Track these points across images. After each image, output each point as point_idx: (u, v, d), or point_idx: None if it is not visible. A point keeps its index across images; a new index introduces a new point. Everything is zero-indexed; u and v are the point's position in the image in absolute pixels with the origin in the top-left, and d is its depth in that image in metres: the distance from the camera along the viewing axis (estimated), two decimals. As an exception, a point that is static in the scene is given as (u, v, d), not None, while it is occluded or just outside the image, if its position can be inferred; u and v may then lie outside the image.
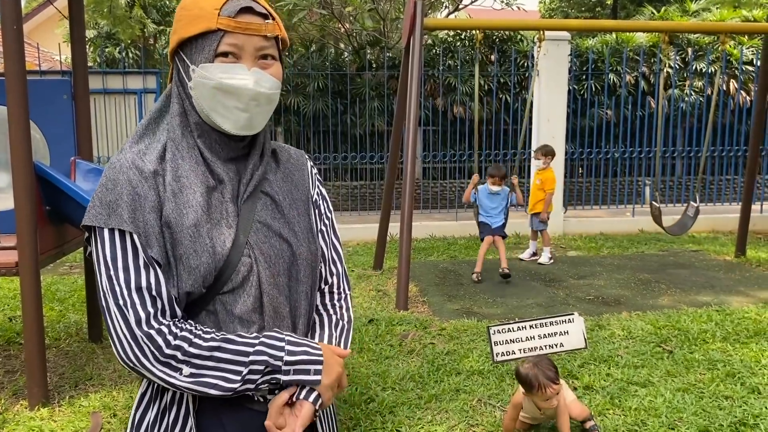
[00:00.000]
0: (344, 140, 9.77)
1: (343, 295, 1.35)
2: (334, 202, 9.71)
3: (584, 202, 9.93)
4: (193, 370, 1.09)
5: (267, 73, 1.17)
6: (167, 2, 15.05)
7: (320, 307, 1.32)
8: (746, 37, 10.38)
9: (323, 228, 1.33)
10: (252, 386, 1.12)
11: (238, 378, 1.11)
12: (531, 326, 3.30)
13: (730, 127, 9.87)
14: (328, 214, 1.36)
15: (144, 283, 1.09)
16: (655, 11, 15.17)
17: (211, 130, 1.18)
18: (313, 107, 9.70)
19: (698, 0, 15.80)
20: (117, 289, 1.08)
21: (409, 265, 5.27)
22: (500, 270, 5.97)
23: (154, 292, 1.10)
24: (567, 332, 3.19)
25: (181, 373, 1.08)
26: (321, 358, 1.15)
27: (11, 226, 3.38)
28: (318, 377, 1.15)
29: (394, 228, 6.51)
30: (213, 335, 1.11)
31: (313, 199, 1.33)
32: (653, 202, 6.31)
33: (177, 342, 1.09)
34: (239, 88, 1.13)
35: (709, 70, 10.04)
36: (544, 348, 3.24)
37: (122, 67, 9.21)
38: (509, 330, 3.32)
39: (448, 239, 8.13)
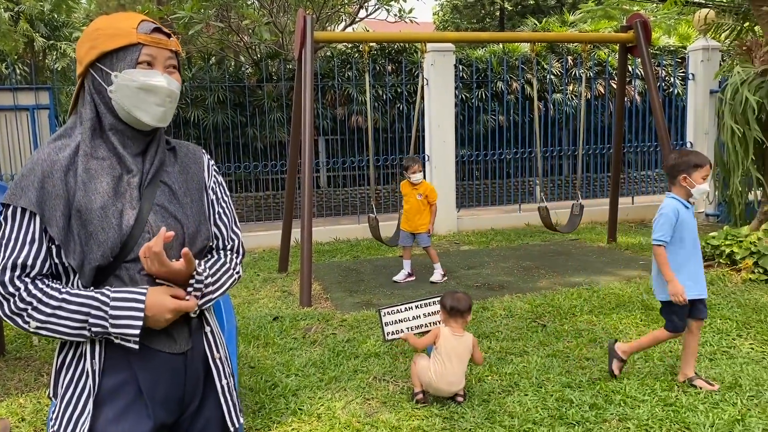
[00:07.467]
0: (247, 151, 9.90)
1: (237, 255, 1.67)
2: (240, 212, 9.82)
3: (478, 202, 10.58)
4: (39, 324, 1.39)
5: (172, 78, 1.51)
6: (56, 16, 14.59)
7: (215, 253, 1.65)
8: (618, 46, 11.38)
9: (220, 210, 1.65)
10: (88, 334, 1.41)
11: (75, 332, 1.40)
12: (416, 306, 3.70)
13: (609, 128, 10.79)
14: (225, 198, 1.68)
15: (23, 255, 1.38)
16: (537, 22, 16.29)
17: (125, 128, 1.48)
18: (213, 120, 9.77)
19: (575, 12, 17.12)
20: (0, 254, 1.38)
21: (311, 264, 5.56)
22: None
23: (29, 262, 1.38)
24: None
25: (29, 325, 1.39)
26: (141, 314, 1.41)
27: None
28: (138, 323, 1.41)
29: (299, 233, 6.76)
30: (57, 297, 1.39)
31: (210, 187, 1.64)
32: (540, 205, 6.65)
33: (29, 299, 1.37)
34: (158, 87, 1.45)
35: (587, 76, 10.95)
36: (429, 325, 3.64)
37: (10, 83, 8.91)
38: (398, 311, 3.71)
39: (351, 241, 8.48)
